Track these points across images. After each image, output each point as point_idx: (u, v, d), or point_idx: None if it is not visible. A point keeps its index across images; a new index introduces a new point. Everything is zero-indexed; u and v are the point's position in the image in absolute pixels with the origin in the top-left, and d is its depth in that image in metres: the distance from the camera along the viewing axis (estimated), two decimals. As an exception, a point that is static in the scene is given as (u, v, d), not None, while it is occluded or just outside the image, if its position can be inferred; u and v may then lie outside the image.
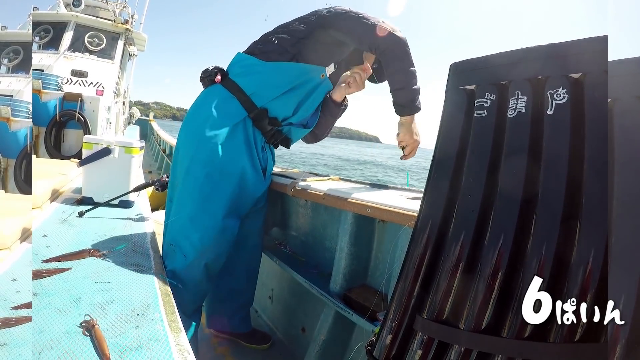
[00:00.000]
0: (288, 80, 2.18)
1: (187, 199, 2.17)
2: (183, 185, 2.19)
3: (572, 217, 0.96)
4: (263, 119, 2.21)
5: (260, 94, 2.19)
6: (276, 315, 2.98)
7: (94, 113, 7.29)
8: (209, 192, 2.13)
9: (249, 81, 2.20)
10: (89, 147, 2.87)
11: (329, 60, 2.26)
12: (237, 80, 2.21)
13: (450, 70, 1.37)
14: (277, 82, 2.18)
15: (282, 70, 2.17)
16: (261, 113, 2.20)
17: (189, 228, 2.13)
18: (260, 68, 2.18)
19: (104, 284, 1.62)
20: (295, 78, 2.18)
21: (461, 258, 1.13)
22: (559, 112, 1.05)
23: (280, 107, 2.23)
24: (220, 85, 2.23)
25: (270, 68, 2.17)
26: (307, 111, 2.31)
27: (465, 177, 1.21)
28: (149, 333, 1.29)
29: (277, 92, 2.18)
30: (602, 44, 0.98)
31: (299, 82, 2.19)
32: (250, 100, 2.18)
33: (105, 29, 9.66)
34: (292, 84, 2.18)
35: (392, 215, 1.76)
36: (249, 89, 2.18)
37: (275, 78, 2.18)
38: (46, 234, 2.12)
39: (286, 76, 2.18)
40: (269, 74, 2.18)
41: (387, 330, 1.28)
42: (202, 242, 2.12)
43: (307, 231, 2.84)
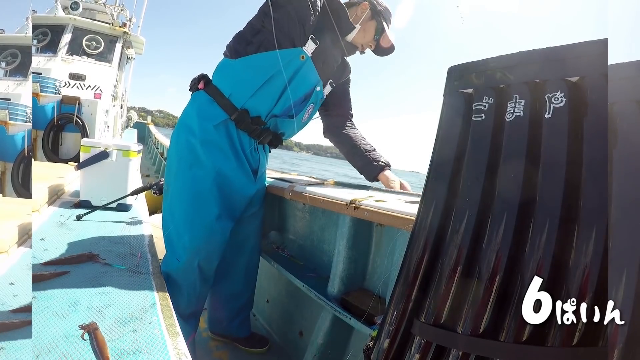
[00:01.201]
0: (261, 73, 2.12)
1: (177, 202, 2.19)
2: (173, 188, 2.21)
3: (570, 221, 0.96)
4: (245, 120, 2.17)
5: (237, 93, 2.16)
6: (274, 318, 2.98)
7: (91, 116, 7.30)
8: (196, 194, 2.14)
9: (224, 82, 2.19)
10: (86, 151, 2.87)
11: (299, 38, 2.14)
12: (217, 83, 2.20)
13: (448, 73, 1.37)
14: (250, 77, 2.13)
15: (251, 64, 2.12)
16: (242, 114, 2.16)
17: (181, 230, 2.15)
18: (231, 67, 2.16)
19: (102, 287, 1.62)
20: (268, 68, 2.11)
21: (459, 262, 1.13)
22: (557, 115, 1.05)
23: (259, 104, 2.18)
24: (202, 91, 2.22)
25: (239, 64, 2.13)
26: (289, 99, 2.21)
27: (463, 181, 1.21)
28: (147, 337, 1.29)
29: (253, 88, 2.13)
30: (601, 48, 0.98)
31: (275, 72, 2.11)
32: (229, 103, 2.16)
33: (103, 32, 9.67)
34: (267, 75, 2.12)
35: (390, 219, 1.76)
36: (226, 90, 2.16)
37: (247, 74, 2.14)
38: (44, 237, 2.12)
39: (257, 69, 2.12)
40: (239, 70, 2.14)
41: (385, 334, 1.28)
42: (192, 243, 2.12)
43: (304, 235, 2.84)
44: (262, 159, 2.38)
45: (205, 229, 2.14)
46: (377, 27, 2.33)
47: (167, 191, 2.26)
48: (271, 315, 3.02)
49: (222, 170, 2.17)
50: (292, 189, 2.40)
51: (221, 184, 2.17)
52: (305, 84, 2.25)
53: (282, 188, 2.47)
